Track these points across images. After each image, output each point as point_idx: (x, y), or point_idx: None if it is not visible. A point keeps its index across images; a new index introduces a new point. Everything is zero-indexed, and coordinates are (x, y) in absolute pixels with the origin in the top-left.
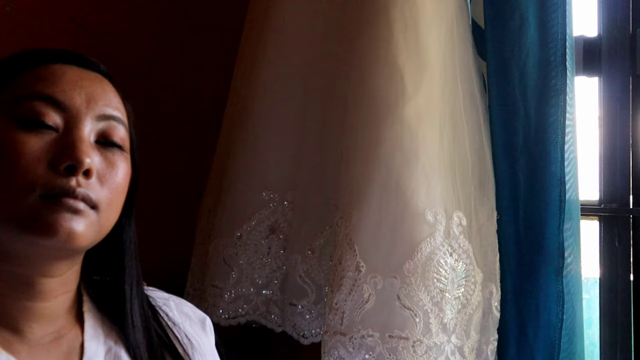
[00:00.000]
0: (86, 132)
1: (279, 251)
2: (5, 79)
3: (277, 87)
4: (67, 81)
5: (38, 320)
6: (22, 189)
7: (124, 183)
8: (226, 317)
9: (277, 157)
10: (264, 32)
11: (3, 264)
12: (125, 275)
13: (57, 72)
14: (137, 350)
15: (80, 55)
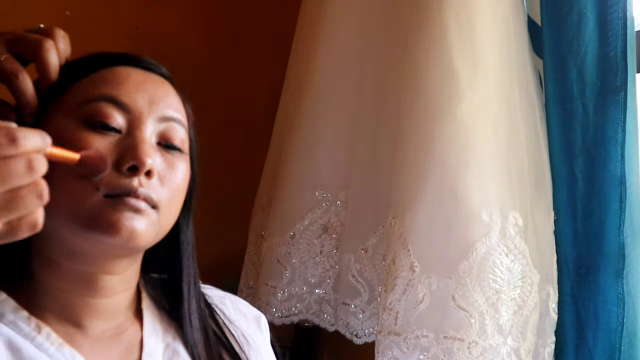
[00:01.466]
0: (148, 134)
1: (332, 250)
2: (71, 80)
3: (330, 87)
4: (131, 83)
5: (100, 316)
6: (88, 188)
7: (183, 184)
8: (279, 316)
9: (329, 157)
10: (316, 32)
11: (67, 261)
12: (183, 274)
13: (122, 74)
14: (195, 348)
15: (143, 58)
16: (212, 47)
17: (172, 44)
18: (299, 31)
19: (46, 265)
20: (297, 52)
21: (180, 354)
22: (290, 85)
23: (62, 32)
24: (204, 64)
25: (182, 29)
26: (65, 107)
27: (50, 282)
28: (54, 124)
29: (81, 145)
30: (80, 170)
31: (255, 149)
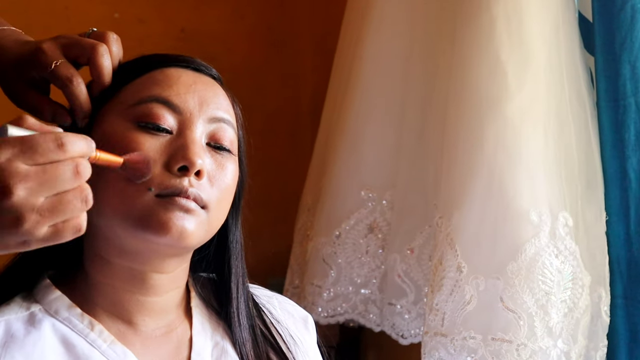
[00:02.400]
0: (198, 134)
1: (378, 250)
2: (123, 82)
3: (376, 86)
4: (182, 85)
5: (150, 314)
6: (140, 188)
7: (232, 184)
8: (325, 316)
9: (375, 156)
10: (362, 31)
11: (119, 260)
12: (232, 274)
13: (173, 75)
14: (243, 347)
15: (193, 59)
16: (256, 48)
17: (217, 45)
18: (344, 31)
19: (99, 263)
20: (343, 51)
21: (228, 353)
22: (335, 85)
23: (114, 35)
24: (249, 65)
25: (227, 31)
26: (118, 108)
27: (102, 279)
28: (106, 124)
29: (132, 145)
30: (124, 174)
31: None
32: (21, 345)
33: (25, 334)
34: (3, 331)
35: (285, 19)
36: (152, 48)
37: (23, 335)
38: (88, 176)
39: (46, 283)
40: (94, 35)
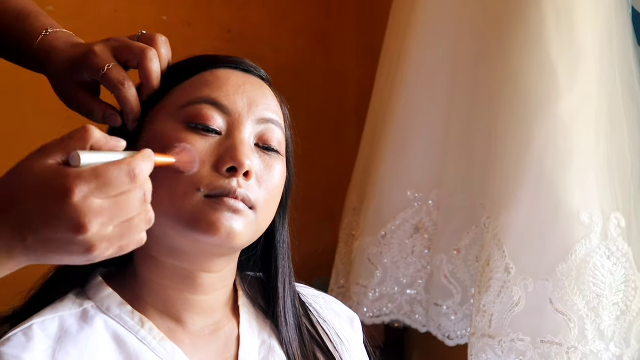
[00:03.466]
0: (247, 135)
1: (424, 251)
2: (174, 83)
3: (422, 85)
4: (231, 86)
5: (199, 313)
6: (189, 188)
7: (280, 185)
8: (371, 316)
9: (422, 156)
10: (408, 29)
11: (168, 259)
12: (279, 273)
13: (222, 77)
14: (290, 346)
15: (242, 60)
16: (301, 47)
17: (262, 46)
18: (390, 30)
19: (149, 262)
20: (389, 50)
21: (275, 352)
22: (381, 84)
23: (163, 37)
24: (294, 64)
25: (272, 31)
26: (168, 109)
27: (152, 278)
28: (156, 125)
29: None
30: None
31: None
32: (75, 341)
33: (79, 330)
34: (58, 327)
35: (330, 18)
36: (199, 50)
37: (76, 331)
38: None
39: (98, 281)
40: (144, 38)
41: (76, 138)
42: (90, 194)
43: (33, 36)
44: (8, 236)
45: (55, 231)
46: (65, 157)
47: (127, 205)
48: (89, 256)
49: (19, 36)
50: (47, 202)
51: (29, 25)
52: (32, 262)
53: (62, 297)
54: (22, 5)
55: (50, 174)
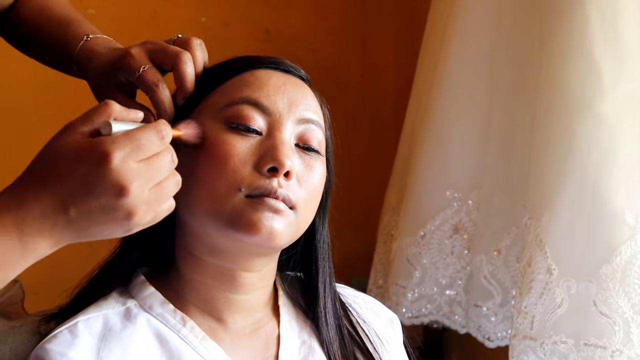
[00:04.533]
0: (287, 136)
1: (463, 251)
2: (214, 84)
3: (462, 84)
4: (272, 86)
5: (239, 312)
6: (230, 188)
7: (320, 185)
8: (409, 316)
9: (461, 156)
10: (447, 29)
11: (209, 258)
12: (319, 273)
13: (262, 77)
14: (331, 346)
15: (283, 60)
16: (339, 47)
17: (300, 46)
18: (428, 29)
19: (190, 261)
20: (427, 50)
21: (315, 352)
22: (419, 84)
23: (198, 40)
24: (332, 64)
25: (310, 31)
26: (209, 110)
27: (194, 277)
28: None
29: (224, 147)
30: None
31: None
32: (118, 339)
33: (122, 328)
34: (102, 325)
35: (368, 18)
36: (237, 50)
37: (120, 329)
38: None
39: (141, 279)
40: (179, 42)
41: (99, 111)
42: (127, 157)
43: (74, 42)
44: (50, 212)
45: (98, 198)
46: (92, 129)
47: (159, 166)
48: (130, 222)
49: (61, 42)
50: (87, 171)
51: (71, 32)
52: (73, 239)
53: (105, 296)
54: (64, 13)
55: (85, 145)
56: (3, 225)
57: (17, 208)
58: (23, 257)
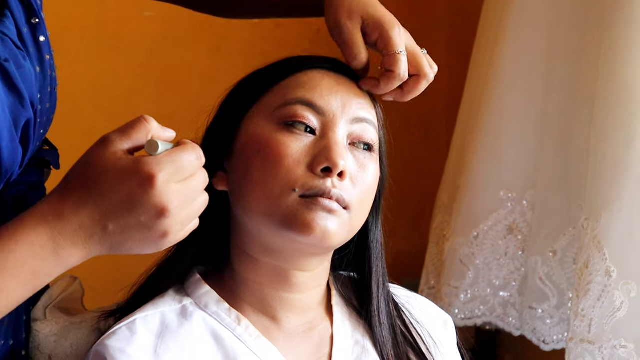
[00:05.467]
0: (341, 135)
1: (517, 252)
2: (268, 85)
3: (517, 82)
4: (325, 86)
5: (293, 311)
6: (284, 188)
7: (373, 184)
8: (462, 318)
9: (515, 155)
10: (501, 27)
11: (264, 257)
12: (373, 273)
13: (316, 78)
14: (384, 347)
15: (335, 61)
16: None
17: None
18: (482, 27)
19: (245, 260)
20: (481, 48)
21: (369, 352)
22: (473, 83)
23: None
24: None
25: None
26: (263, 110)
27: (248, 276)
28: (252, 127)
29: (278, 147)
30: None
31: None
32: (175, 336)
33: (179, 326)
34: (159, 322)
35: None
36: (288, 50)
37: (177, 327)
38: None
39: (196, 278)
40: None
41: (139, 128)
42: (170, 178)
43: None
44: (88, 226)
45: (138, 217)
46: (132, 145)
47: (194, 187)
48: (164, 240)
49: None
50: (131, 190)
51: None
52: (104, 252)
53: (162, 294)
54: None
55: (129, 164)
56: (38, 236)
57: (55, 220)
58: (54, 268)
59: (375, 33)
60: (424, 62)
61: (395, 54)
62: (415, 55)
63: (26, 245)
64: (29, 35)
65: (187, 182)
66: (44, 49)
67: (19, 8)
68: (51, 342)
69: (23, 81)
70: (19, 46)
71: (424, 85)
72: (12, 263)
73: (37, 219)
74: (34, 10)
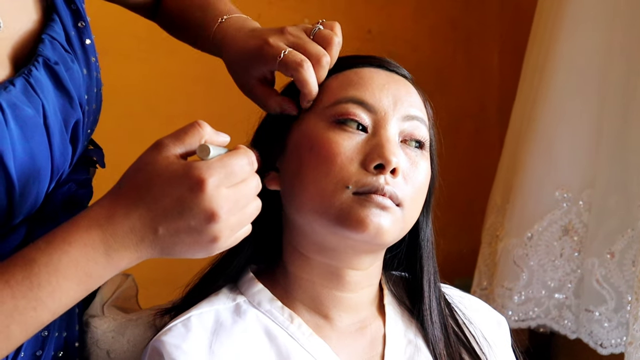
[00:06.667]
0: (392, 133)
1: (573, 253)
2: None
3: (572, 83)
4: (376, 85)
5: (346, 310)
6: (338, 186)
7: (425, 182)
8: (516, 319)
9: (571, 155)
10: (556, 25)
11: (317, 255)
12: (424, 272)
13: (367, 76)
14: (437, 346)
15: (386, 59)
16: (441, 46)
17: (402, 45)
18: (536, 26)
19: (298, 259)
20: (535, 47)
21: (421, 351)
22: (527, 82)
23: (338, 39)
24: (433, 63)
25: (411, 30)
26: (315, 109)
27: (301, 274)
28: (304, 125)
29: (330, 145)
30: None
31: (486, 147)
32: (229, 333)
33: (233, 323)
34: (213, 319)
35: (471, 15)
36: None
37: (230, 324)
38: None
39: (250, 277)
40: (319, 37)
41: (192, 133)
42: (220, 183)
43: (211, 24)
44: (140, 229)
45: (188, 221)
46: (185, 150)
47: (246, 192)
48: (214, 246)
49: (199, 25)
50: (181, 194)
51: (209, 14)
52: (155, 255)
53: (216, 292)
54: None
55: (180, 168)
56: (90, 238)
57: (107, 223)
58: (105, 269)
59: (263, 68)
60: (308, 47)
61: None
62: (299, 46)
63: (79, 247)
64: (76, 38)
65: (238, 187)
66: (90, 52)
67: (66, 12)
68: (109, 338)
69: (72, 83)
70: (67, 49)
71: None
72: (65, 264)
73: (90, 221)
74: (81, 14)
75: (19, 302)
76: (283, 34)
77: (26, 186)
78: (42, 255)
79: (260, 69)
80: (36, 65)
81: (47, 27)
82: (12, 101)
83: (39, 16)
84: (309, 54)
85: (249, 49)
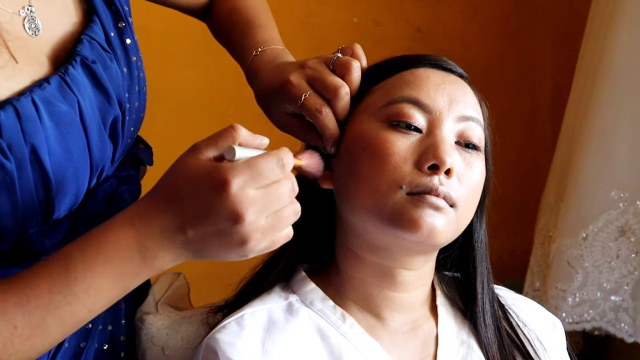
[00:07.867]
0: (447, 133)
1: (630, 255)
2: (373, 83)
3: (630, 79)
4: (431, 84)
5: (398, 310)
6: (391, 186)
7: (480, 183)
8: (570, 322)
9: (629, 154)
10: (612, 20)
11: (369, 255)
12: (477, 273)
13: (422, 76)
14: (490, 348)
15: (441, 58)
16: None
17: (451, 42)
18: (591, 21)
19: (350, 258)
20: (590, 43)
21: (475, 352)
22: (581, 79)
23: (357, 63)
24: (484, 60)
25: (461, 28)
26: (368, 109)
27: (353, 274)
28: (358, 125)
29: (385, 145)
30: None
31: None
32: (282, 332)
33: (285, 322)
34: (266, 318)
35: (522, 12)
36: (388, 49)
37: (283, 323)
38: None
39: (302, 276)
40: (338, 64)
41: (226, 136)
42: (246, 184)
43: (248, 54)
44: (171, 231)
45: (214, 222)
46: (217, 153)
47: (278, 195)
48: (244, 248)
49: (238, 51)
50: (206, 195)
51: (246, 43)
52: (190, 257)
53: (269, 290)
54: (249, 17)
55: (206, 169)
56: (124, 237)
57: (140, 222)
58: (141, 268)
59: (288, 107)
60: (326, 80)
61: (304, 108)
62: (318, 80)
63: (112, 244)
64: (116, 38)
65: (267, 189)
66: (131, 51)
67: (106, 13)
68: (163, 334)
69: (110, 81)
70: (106, 49)
71: (344, 97)
72: (101, 261)
73: (125, 219)
74: (121, 15)
75: (54, 296)
76: (303, 68)
77: (63, 180)
78: (79, 252)
79: (285, 107)
80: (73, 64)
81: (87, 28)
82: (47, 98)
83: (79, 18)
84: (327, 87)
85: (272, 87)
